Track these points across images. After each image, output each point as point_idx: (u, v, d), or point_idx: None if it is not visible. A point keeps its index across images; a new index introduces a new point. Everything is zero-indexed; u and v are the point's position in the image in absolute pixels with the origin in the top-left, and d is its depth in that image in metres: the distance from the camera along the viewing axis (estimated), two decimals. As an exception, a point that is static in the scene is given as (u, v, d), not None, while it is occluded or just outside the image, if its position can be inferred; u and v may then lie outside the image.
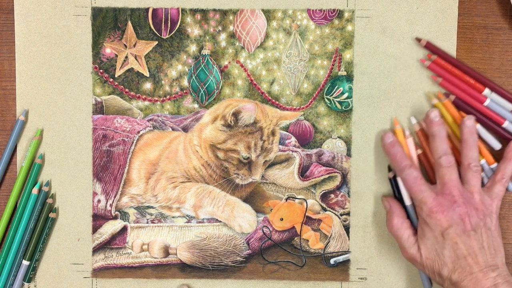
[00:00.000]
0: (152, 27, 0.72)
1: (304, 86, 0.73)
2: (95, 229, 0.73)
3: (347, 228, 0.74)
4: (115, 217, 0.73)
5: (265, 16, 0.72)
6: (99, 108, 0.73)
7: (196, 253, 0.73)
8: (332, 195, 0.74)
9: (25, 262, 0.71)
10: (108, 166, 0.73)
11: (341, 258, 0.73)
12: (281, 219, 0.74)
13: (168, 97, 0.73)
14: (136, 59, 0.73)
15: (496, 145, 0.71)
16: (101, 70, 0.73)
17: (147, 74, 0.73)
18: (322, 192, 0.74)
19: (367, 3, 0.72)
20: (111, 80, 0.73)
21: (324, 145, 0.74)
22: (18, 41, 0.72)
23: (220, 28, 0.72)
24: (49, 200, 0.72)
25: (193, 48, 0.73)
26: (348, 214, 0.73)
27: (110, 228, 0.73)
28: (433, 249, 0.65)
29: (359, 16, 0.72)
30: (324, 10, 0.72)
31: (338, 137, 0.73)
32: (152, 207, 0.74)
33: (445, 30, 0.72)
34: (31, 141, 0.72)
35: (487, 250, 0.63)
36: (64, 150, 0.73)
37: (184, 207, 0.74)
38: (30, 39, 0.72)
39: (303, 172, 0.74)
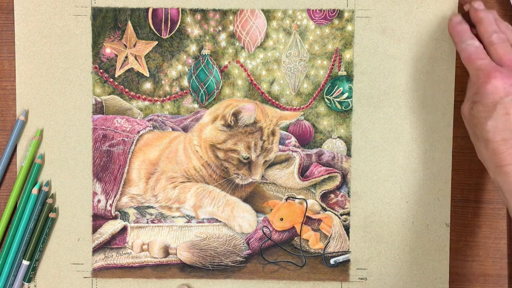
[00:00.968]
0: (152, 27, 0.72)
1: (304, 86, 0.73)
2: (95, 229, 0.73)
3: (347, 228, 0.74)
4: (115, 217, 0.73)
5: (265, 16, 0.72)
6: (99, 108, 0.73)
7: (196, 253, 0.73)
8: (332, 195, 0.74)
9: (25, 262, 0.71)
10: (108, 166, 0.73)
11: (341, 258, 0.73)
12: (281, 219, 0.74)
13: (168, 97, 0.73)
14: (136, 59, 0.73)
15: None
16: (101, 70, 0.73)
17: (147, 74, 0.73)
18: (322, 192, 0.74)
19: (367, 3, 0.72)
20: (111, 80, 0.73)
21: (324, 145, 0.74)
22: (18, 41, 0.72)
23: (220, 28, 0.72)
24: (49, 200, 0.72)
25: (193, 48, 0.73)
26: (348, 214, 0.73)
27: (110, 228, 0.73)
28: (482, 116, 0.62)
29: (359, 16, 0.72)
30: (324, 10, 0.72)
31: (338, 137, 0.73)
32: (152, 207, 0.74)
33: (445, 30, 0.72)
34: (31, 141, 0.72)
35: None
36: (64, 150, 0.73)
37: (184, 207, 0.74)
38: (30, 39, 0.72)
39: (303, 172, 0.74)
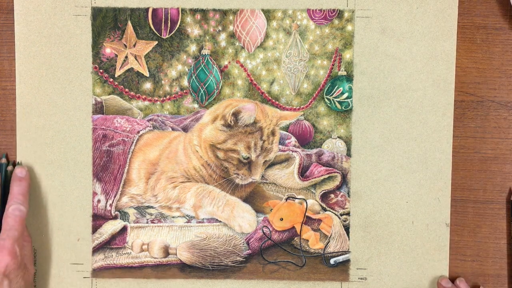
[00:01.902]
0: (152, 27, 0.72)
1: (304, 86, 0.73)
2: (95, 229, 0.73)
3: (347, 228, 0.73)
4: (115, 217, 0.73)
5: (265, 16, 0.72)
6: (99, 108, 0.73)
7: (196, 253, 0.73)
8: (332, 195, 0.74)
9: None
10: (108, 166, 0.73)
11: (341, 258, 0.73)
12: (281, 219, 0.74)
13: (168, 97, 0.73)
14: (136, 59, 0.73)
15: None
16: (101, 70, 0.73)
17: (147, 74, 0.73)
18: (322, 192, 0.74)
19: (367, 3, 0.72)
20: (111, 80, 0.73)
21: (324, 145, 0.73)
22: (18, 41, 0.72)
23: (220, 28, 0.72)
24: (9, 168, 0.71)
25: (193, 48, 0.73)
26: (348, 214, 0.73)
27: (110, 228, 0.73)
28: None
29: (359, 16, 0.72)
30: (324, 10, 0.72)
31: (338, 137, 0.73)
32: (152, 207, 0.74)
33: (445, 30, 0.72)
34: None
35: None
36: (64, 150, 0.73)
37: (184, 207, 0.74)
38: (30, 39, 0.72)
39: (303, 172, 0.74)
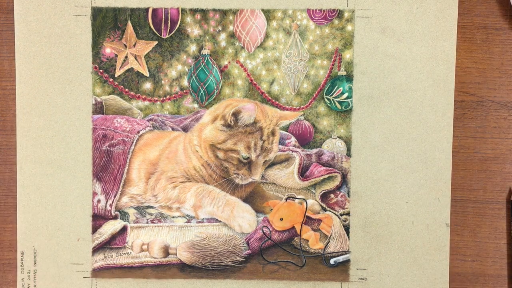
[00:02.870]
0: (152, 27, 0.72)
1: (304, 86, 0.73)
2: (95, 229, 0.73)
3: (347, 228, 0.73)
4: (115, 217, 0.73)
5: (265, 16, 0.72)
6: (99, 108, 0.73)
7: (196, 253, 0.73)
8: (332, 195, 0.74)
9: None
10: (108, 166, 0.73)
11: (341, 258, 0.73)
12: (281, 219, 0.74)
13: (168, 97, 0.73)
14: (136, 59, 0.73)
15: None
16: (101, 70, 0.73)
17: (147, 74, 0.73)
18: (322, 192, 0.74)
19: (367, 3, 0.72)
20: (111, 80, 0.73)
21: (324, 145, 0.73)
22: (18, 41, 0.72)
23: (220, 28, 0.72)
24: None
25: (193, 48, 0.73)
26: (348, 214, 0.73)
27: (110, 228, 0.73)
28: None
29: (359, 16, 0.72)
30: (324, 10, 0.72)
31: (338, 137, 0.73)
32: (152, 207, 0.74)
33: (445, 30, 0.72)
34: None
35: None
36: (64, 150, 0.73)
37: (184, 207, 0.74)
38: (30, 39, 0.72)
39: (303, 172, 0.74)
